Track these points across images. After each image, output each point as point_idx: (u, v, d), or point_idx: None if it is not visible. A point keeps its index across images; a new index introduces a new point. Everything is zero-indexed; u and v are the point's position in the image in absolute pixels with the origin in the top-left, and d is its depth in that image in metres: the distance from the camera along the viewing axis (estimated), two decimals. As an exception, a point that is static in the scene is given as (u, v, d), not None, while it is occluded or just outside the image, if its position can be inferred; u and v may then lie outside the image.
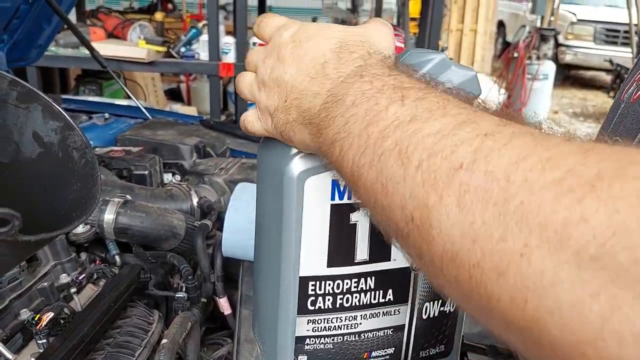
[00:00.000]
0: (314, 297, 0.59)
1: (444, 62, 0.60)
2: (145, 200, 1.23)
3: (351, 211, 0.59)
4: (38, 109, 0.52)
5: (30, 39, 1.99)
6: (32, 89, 0.52)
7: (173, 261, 1.08)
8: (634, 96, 0.57)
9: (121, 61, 3.51)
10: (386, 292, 0.64)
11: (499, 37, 11.78)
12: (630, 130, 0.54)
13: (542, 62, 6.36)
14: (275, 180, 0.58)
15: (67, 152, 0.53)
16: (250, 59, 0.57)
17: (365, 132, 0.40)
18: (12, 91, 0.50)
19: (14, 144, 0.53)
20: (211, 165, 1.56)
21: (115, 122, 1.86)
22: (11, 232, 0.38)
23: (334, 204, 0.58)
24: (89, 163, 0.53)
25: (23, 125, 0.52)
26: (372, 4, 7.03)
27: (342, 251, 0.59)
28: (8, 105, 0.51)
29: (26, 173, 0.54)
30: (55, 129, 0.53)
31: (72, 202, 0.51)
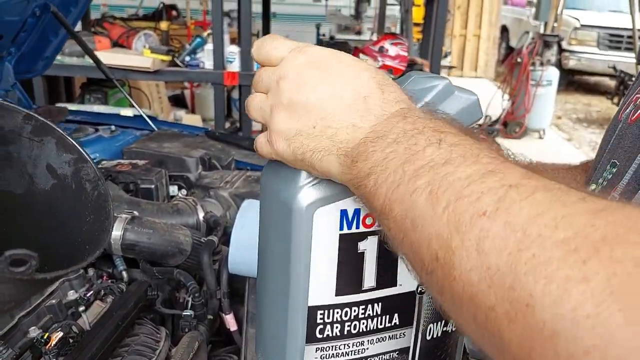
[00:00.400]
0: (323, 326, 0.59)
1: (447, 88, 0.61)
2: (152, 215, 1.24)
3: (359, 240, 0.59)
4: (52, 142, 0.53)
5: (37, 51, 2.01)
6: (46, 122, 0.53)
7: (180, 278, 1.09)
8: (632, 117, 0.57)
9: (126, 70, 3.53)
10: (392, 316, 0.64)
11: (502, 42, 11.79)
12: (628, 153, 0.54)
13: (546, 68, 6.36)
14: (282, 210, 0.58)
15: (80, 184, 0.54)
16: (260, 79, 0.56)
17: (401, 168, 0.43)
18: (27, 125, 0.52)
19: (28, 175, 0.54)
20: (217, 179, 1.57)
21: (121, 134, 1.87)
22: (28, 272, 0.39)
23: (343, 233, 0.58)
24: (101, 195, 0.54)
25: (37, 157, 0.53)
26: (376, 11, 7.04)
27: (350, 280, 0.60)
28: (22, 138, 0.52)
29: (40, 204, 0.54)
30: (69, 161, 0.54)
31: (86, 234, 0.51)
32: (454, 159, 0.40)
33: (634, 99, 0.59)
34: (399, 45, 3.53)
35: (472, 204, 0.36)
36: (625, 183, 0.51)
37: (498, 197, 0.36)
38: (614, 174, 0.55)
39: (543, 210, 0.33)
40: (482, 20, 10.27)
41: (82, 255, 0.49)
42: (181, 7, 5.82)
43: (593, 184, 0.60)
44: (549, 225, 0.32)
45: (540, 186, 0.36)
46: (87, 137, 1.80)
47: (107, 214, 0.53)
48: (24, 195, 0.54)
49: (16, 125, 0.51)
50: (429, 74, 0.63)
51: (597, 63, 9.26)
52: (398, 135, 0.45)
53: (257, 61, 0.56)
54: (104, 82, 4.04)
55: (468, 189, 0.37)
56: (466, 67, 10.58)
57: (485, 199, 0.36)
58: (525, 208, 0.34)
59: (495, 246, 0.34)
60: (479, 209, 0.36)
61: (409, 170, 0.42)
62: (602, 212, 0.31)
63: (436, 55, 3.68)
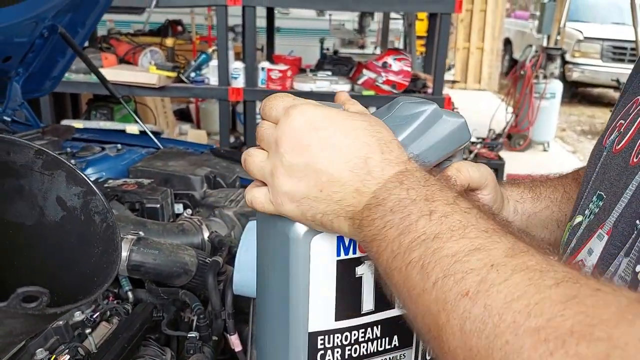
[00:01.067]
0: (324, 351, 0.60)
1: (435, 113, 0.62)
2: (157, 235, 1.26)
3: (356, 265, 0.60)
4: (62, 175, 0.55)
5: (45, 71, 2.04)
6: (56, 157, 0.55)
7: (185, 299, 1.10)
8: (617, 146, 0.57)
9: (132, 87, 3.56)
10: (392, 338, 0.65)
11: (505, 54, 11.83)
12: (614, 187, 0.54)
13: (549, 81, 6.38)
14: (279, 239, 0.58)
15: (89, 216, 0.55)
16: (262, 135, 0.56)
17: (397, 239, 0.46)
18: (38, 159, 0.53)
19: (38, 208, 0.55)
20: (221, 197, 1.59)
21: (127, 153, 1.89)
22: (39, 307, 0.40)
23: (340, 259, 0.59)
24: (110, 227, 0.56)
25: (47, 190, 0.55)
26: (379, 25, 7.09)
27: (349, 304, 0.61)
28: (34, 172, 0.53)
29: (50, 236, 0.56)
30: (78, 193, 0.56)
31: (94, 266, 0.53)
32: (443, 233, 0.43)
33: (618, 125, 0.60)
34: (403, 61, 3.56)
35: (457, 283, 0.40)
36: (613, 221, 0.52)
37: (480, 278, 0.39)
38: (600, 208, 0.56)
39: (519, 295, 0.36)
40: (485, 33, 10.32)
41: (91, 287, 0.51)
42: (186, 22, 5.87)
43: (580, 215, 0.60)
44: (522, 312, 0.35)
45: (519, 266, 0.39)
46: (93, 156, 1.82)
47: (115, 246, 0.55)
48: (35, 226, 0.56)
49: (28, 160, 0.53)
50: (416, 99, 0.64)
51: (601, 75, 9.27)
52: (394, 204, 0.47)
53: (263, 118, 0.57)
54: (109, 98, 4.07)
55: (454, 267, 0.41)
56: (469, 79, 10.61)
57: (468, 279, 0.39)
58: (503, 292, 0.37)
59: (475, 328, 0.37)
60: (462, 288, 0.39)
61: (404, 242, 0.45)
62: (573, 300, 0.34)
63: (439, 70, 3.70)
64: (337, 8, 5.21)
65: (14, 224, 0.55)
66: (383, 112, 0.63)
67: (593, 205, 0.58)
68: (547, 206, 0.79)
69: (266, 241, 0.63)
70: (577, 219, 0.60)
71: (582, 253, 0.55)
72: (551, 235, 0.80)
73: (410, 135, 0.59)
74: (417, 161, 0.53)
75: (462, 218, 0.44)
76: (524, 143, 6.62)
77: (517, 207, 0.79)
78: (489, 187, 0.72)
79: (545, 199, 0.80)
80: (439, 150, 0.62)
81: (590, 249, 0.54)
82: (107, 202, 0.57)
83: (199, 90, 3.77)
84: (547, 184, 0.82)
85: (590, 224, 0.57)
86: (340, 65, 3.99)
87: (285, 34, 7.17)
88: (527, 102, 6.32)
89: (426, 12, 4.96)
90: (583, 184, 0.65)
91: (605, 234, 0.52)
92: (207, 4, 4.23)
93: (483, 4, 10.14)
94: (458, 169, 0.66)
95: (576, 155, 7.17)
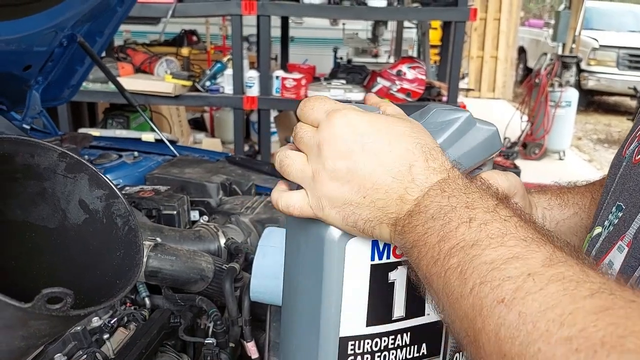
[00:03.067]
0: (353, 357, 0.60)
1: (469, 121, 0.62)
2: (174, 241, 1.26)
3: (390, 270, 0.60)
4: (84, 178, 0.55)
5: (63, 79, 2.07)
6: (79, 159, 0.56)
7: (202, 305, 1.10)
8: (636, 156, 0.56)
9: (148, 95, 3.60)
10: (420, 346, 0.64)
11: (520, 62, 11.78)
12: (634, 197, 0.54)
13: (565, 89, 6.33)
14: (313, 242, 0.58)
15: (111, 219, 0.56)
16: (301, 137, 0.55)
17: (437, 246, 0.46)
18: (61, 162, 0.54)
19: (61, 210, 0.56)
20: (237, 204, 1.59)
21: (144, 160, 1.91)
22: (64, 309, 0.40)
23: (374, 264, 0.58)
24: (132, 230, 0.56)
25: (70, 193, 0.55)
26: (393, 34, 7.10)
27: (380, 310, 0.60)
28: (57, 175, 0.54)
29: (73, 238, 0.56)
30: (100, 196, 0.56)
31: (116, 268, 0.53)
32: (481, 241, 0.44)
33: (638, 135, 0.59)
34: (417, 69, 3.56)
35: (493, 290, 0.40)
36: (633, 233, 0.51)
37: (516, 286, 0.39)
38: (620, 219, 0.55)
39: (553, 304, 0.37)
40: (499, 41, 10.29)
41: (114, 290, 0.51)
42: (201, 32, 5.93)
43: (599, 226, 0.59)
44: (556, 321, 0.36)
45: (556, 276, 0.39)
46: (110, 163, 1.84)
47: (137, 248, 0.55)
48: (57, 229, 0.56)
49: (51, 163, 0.54)
50: (449, 107, 0.64)
51: (617, 83, 9.20)
52: (435, 212, 0.48)
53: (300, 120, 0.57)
54: (126, 107, 4.12)
55: (491, 274, 0.41)
56: (484, 88, 10.57)
57: (504, 286, 0.40)
58: (538, 300, 0.38)
59: (509, 335, 0.38)
60: (498, 295, 0.40)
61: (444, 248, 0.46)
62: (607, 311, 0.35)
63: (454, 78, 3.69)
64: (351, 17, 5.22)
65: (37, 226, 0.55)
66: (416, 118, 0.63)
67: (612, 216, 0.57)
68: (575, 213, 0.78)
69: (298, 244, 0.62)
70: (597, 230, 0.60)
71: (602, 265, 0.54)
72: (581, 242, 0.79)
73: (445, 142, 0.59)
74: (458, 168, 0.53)
75: (501, 226, 0.45)
76: (539, 152, 6.57)
77: (545, 214, 0.78)
78: (517, 195, 0.72)
79: (573, 205, 0.79)
80: (472, 158, 0.61)
81: (610, 261, 0.53)
82: (129, 205, 0.58)
83: (214, 98, 3.80)
84: (575, 190, 0.81)
85: (609, 236, 0.56)
86: (354, 73, 4.00)
87: (299, 43, 7.21)
88: (543, 110, 6.28)
89: (440, 20, 4.96)
90: (603, 194, 0.64)
91: (626, 246, 0.52)
92: (222, 14, 4.27)
93: (497, 13, 10.11)
94: (487, 178, 0.65)
95: (592, 164, 7.10)
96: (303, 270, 0.62)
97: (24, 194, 0.54)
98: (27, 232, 0.55)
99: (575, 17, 6.67)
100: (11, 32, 1.65)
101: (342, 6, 3.54)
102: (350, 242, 0.57)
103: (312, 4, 3.50)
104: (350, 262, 0.57)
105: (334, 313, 0.57)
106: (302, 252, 0.61)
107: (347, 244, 0.57)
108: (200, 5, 3.59)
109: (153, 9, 3.50)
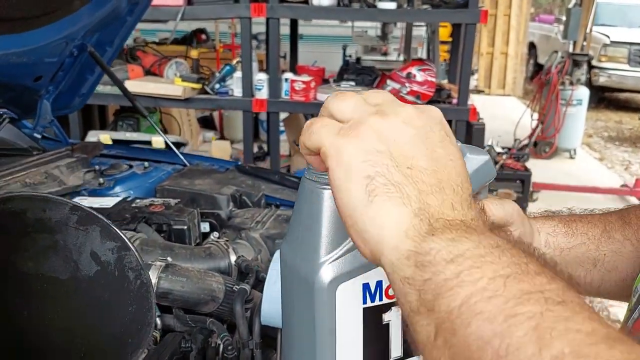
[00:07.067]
0: (352, 400, 0.60)
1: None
2: (185, 259, 1.27)
3: (383, 311, 0.60)
4: (96, 230, 0.56)
5: (74, 88, 2.08)
6: (91, 212, 0.56)
7: (213, 328, 1.10)
8: None
9: (158, 98, 3.61)
10: (421, 385, 0.64)
11: (530, 58, 11.69)
12: None
13: (576, 88, 6.28)
14: (303, 287, 0.57)
15: (123, 272, 0.56)
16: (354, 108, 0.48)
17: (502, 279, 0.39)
18: (73, 215, 0.54)
19: (72, 262, 0.56)
20: (247, 218, 1.59)
21: (154, 171, 1.91)
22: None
23: (366, 307, 0.58)
24: (144, 285, 0.56)
25: (82, 245, 0.55)
26: (402, 31, 7.06)
27: (376, 352, 0.60)
28: (69, 227, 0.54)
29: (84, 290, 0.57)
30: (112, 248, 0.56)
31: (128, 324, 0.53)
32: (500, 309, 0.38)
33: None
34: (427, 71, 3.54)
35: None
36: None
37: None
38: None
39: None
40: (509, 38, 10.21)
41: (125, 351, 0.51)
42: (210, 30, 5.93)
43: None
44: None
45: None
46: (121, 174, 1.84)
47: (149, 305, 0.55)
48: (69, 280, 0.56)
49: (63, 216, 0.54)
50: None
51: (628, 80, 9.12)
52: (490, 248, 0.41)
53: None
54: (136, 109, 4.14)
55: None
56: (493, 85, 10.51)
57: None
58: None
59: None
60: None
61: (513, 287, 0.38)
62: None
63: (464, 80, 3.65)
64: (361, 19, 5.21)
65: (49, 277, 0.56)
66: None
67: None
68: (582, 242, 0.77)
69: (290, 287, 0.62)
70: None
71: None
72: (587, 274, 0.77)
73: None
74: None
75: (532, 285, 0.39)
76: (550, 150, 6.53)
77: (549, 240, 0.76)
78: (515, 223, 0.71)
79: (581, 235, 0.77)
80: None
81: None
82: (141, 258, 0.58)
83: (223, 101, 3.80)
84: (585, 219, 0.79)
85: None
86: (363, 75, 3.98)
87: (308, 41, 7.19)
88: (553, 109, 6.23)
89: (451, 22, 4.93)
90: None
91: None
92: (231, 16, 4.27)
93: (507, 9, 10.04)
94: (482, 208, 0.64)
95: (603, 162, 7.04)
96: (297, 313, 0.61)
97: (35, 247, 0.54)
98: (39, 283, 0.55)
99: (587, 14, 6.60)
100: (22, 45, 1.65)
101: (352, 8, 3.52)
102: (341, 287, 0.56)
103: (321, 6, 3.48)
104: (341, 306, 0.56)
105: (329, 356, 0.57)
106: (295, 295, 0.61)
107: (338, 289, 0.56)
108: (209, 8, 3.58)
109: (162, 12, 3.50)
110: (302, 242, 0.58)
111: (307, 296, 0.57)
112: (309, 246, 0.57)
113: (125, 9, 1.96)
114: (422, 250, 0.42)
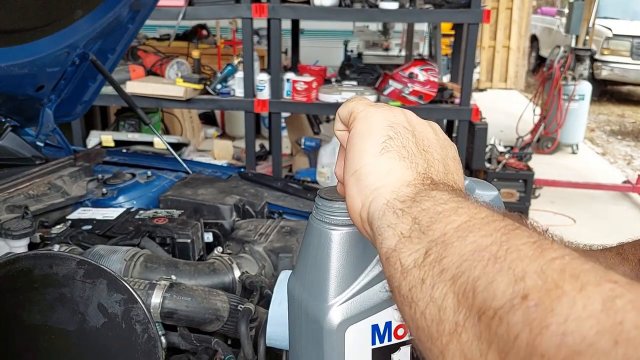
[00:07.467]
0: None
1: (469, 187, 0.61)
2: (189, 276, 1.27)
3: (392, 352, 0.60)
4: (103, 283, 0.56)
5: (76, 96, 2.08)
6: (98, 266, 0.56)
7: (217, 348, 1.11)
8: None
9: (160, 99, 3.60)
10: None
11: (532, 51, 11.64)
12: None
13: (578, 83, 6.25)
14: (313, 327, 0.58)
15: (130, 324, 0.56)
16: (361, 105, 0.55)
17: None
18: (80, 269, 0.54)
19: (79, 314, 0.56)
20: (251, 230, 1.59)
21: (157, 180, 1.91)
22: None
23: (375, 348, 0.59)
24: (151, 339, 0.56)
25: (89, 297, 0.56)
26: (404, 26, 7.03)
27: None
28: (76, 281, 0.54)
29: (91, 341, 0.57)
30: (119, 301, 0.56)
31: (137, 380, 0.54)
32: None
33: None
34: (429, 71, 3.52)
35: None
36: None
37: None
38: None
39: None
40: (511, 31, 10.16)
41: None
42: (211, 25, 5.90)
43: None
44: None
45: None
46: (124, 184, 1.85)
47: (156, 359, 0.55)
48: (76, 332, 0.57)
49: (70, 270, 0.54)
50: None
51: (631, 73, 9.09)
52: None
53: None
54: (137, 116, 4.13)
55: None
56: (495, 78, 10.47)
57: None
58: None
59: None
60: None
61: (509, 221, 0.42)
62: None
63: (467, 80, 3.64)
64: (363, 19, 5.18)
65: (56, 329, 0.56)
66: None
67: None
68: None
69: (298, 324, 0.63)
70: None
71: None
72: None
73: None
74: None
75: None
76: (552, 145, 6.51)
77: None
78: None
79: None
80: None
81: None
82: (149, 312, 0.58)
83: (224, 102, 3.79)
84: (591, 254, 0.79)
85: None
86: (365, 74, 3.97)
87: (309, 35, 7.16)
88: (556, 104, 6.21)
89: (453, 22, 4.90)
90: None
91: None
92: (232, 16, 4.25)
93: (509, 2, 9.98)
94: None
95: (606, 157, 7.03)
96: (305, 351, 0.62)
97: (42, 301, 0.54)
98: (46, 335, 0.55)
99: (589, 7, 6.55)
100: (24, 57, 1.65)
101: (354, 9, 3.51)
102: (350, 329, 0.57)
103: (322, 7, 3.46)
104: (350, 347, 0.57)
105: None
106: (303, 333, 0.61)
107: (347, 331, 0.56)
108: (210, 8, 3.57)
109: (164, 12, 3.49)
110: (311, 282, 0.58)
111: (316, 336, 0.57)
112: (318, 287, 0.57)
113: (126, 17, 1.95)
114: (423, 193, 0.46)
